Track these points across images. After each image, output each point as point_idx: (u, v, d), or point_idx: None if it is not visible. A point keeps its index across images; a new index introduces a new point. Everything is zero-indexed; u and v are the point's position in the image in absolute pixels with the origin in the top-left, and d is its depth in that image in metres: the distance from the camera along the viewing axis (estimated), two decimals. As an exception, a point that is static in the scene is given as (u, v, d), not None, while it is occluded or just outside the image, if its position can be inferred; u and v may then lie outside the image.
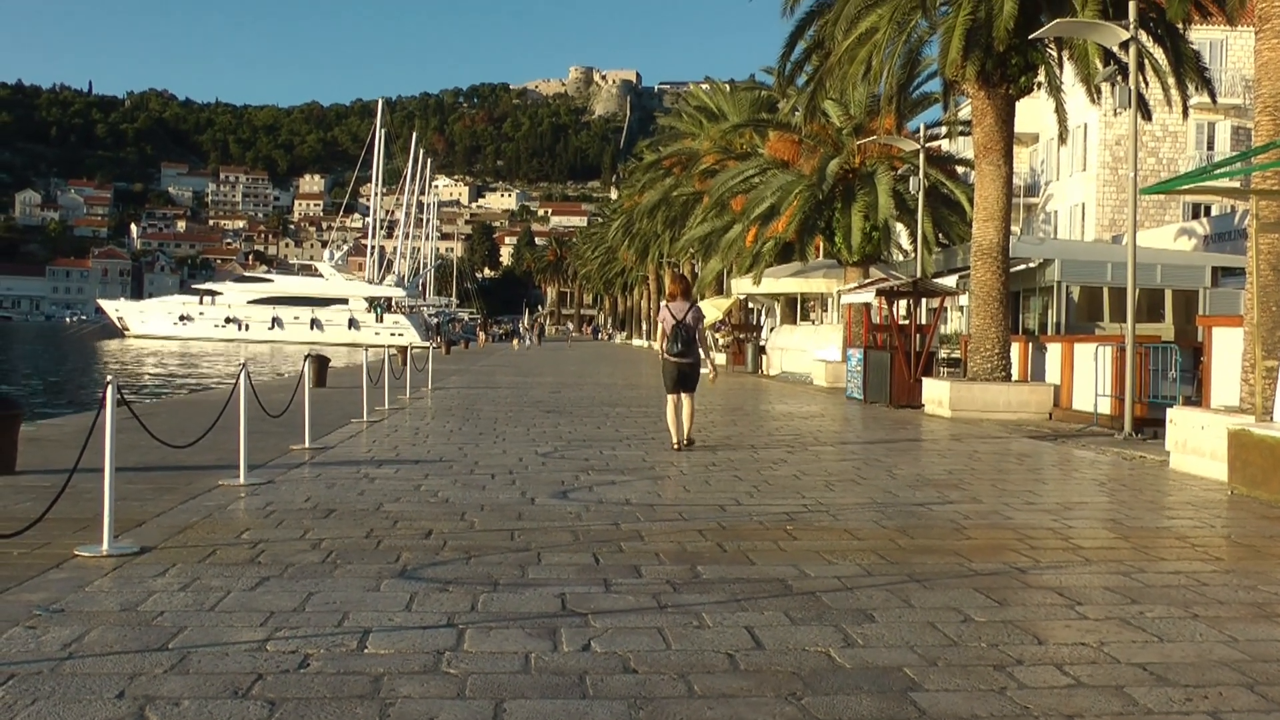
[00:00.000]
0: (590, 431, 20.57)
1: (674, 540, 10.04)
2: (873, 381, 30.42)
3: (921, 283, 30.94)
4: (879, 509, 11.95)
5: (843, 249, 40.94)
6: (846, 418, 25.56)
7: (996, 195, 26.57)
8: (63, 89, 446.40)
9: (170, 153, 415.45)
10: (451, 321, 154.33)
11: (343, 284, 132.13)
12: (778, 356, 48.55)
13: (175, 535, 9.96)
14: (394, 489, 12.86)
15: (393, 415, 23.69)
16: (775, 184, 42.26)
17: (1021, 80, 26.39)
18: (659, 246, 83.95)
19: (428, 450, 17.03)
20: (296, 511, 11.27)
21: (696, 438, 19.20)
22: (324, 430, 19.37)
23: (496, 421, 22.49)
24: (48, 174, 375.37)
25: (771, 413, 26.59)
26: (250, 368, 14.94)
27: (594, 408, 26.86)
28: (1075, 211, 58.24)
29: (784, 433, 21.07)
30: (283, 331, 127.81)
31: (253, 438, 14.29)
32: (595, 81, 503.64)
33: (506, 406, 26.85)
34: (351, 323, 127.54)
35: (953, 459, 17.09)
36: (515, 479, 13.91)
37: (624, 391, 34.15)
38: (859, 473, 15.08)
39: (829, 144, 41.83)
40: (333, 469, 14.61)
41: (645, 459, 16.32)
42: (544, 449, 17.42)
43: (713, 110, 65.96)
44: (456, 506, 11.71)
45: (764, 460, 16.36)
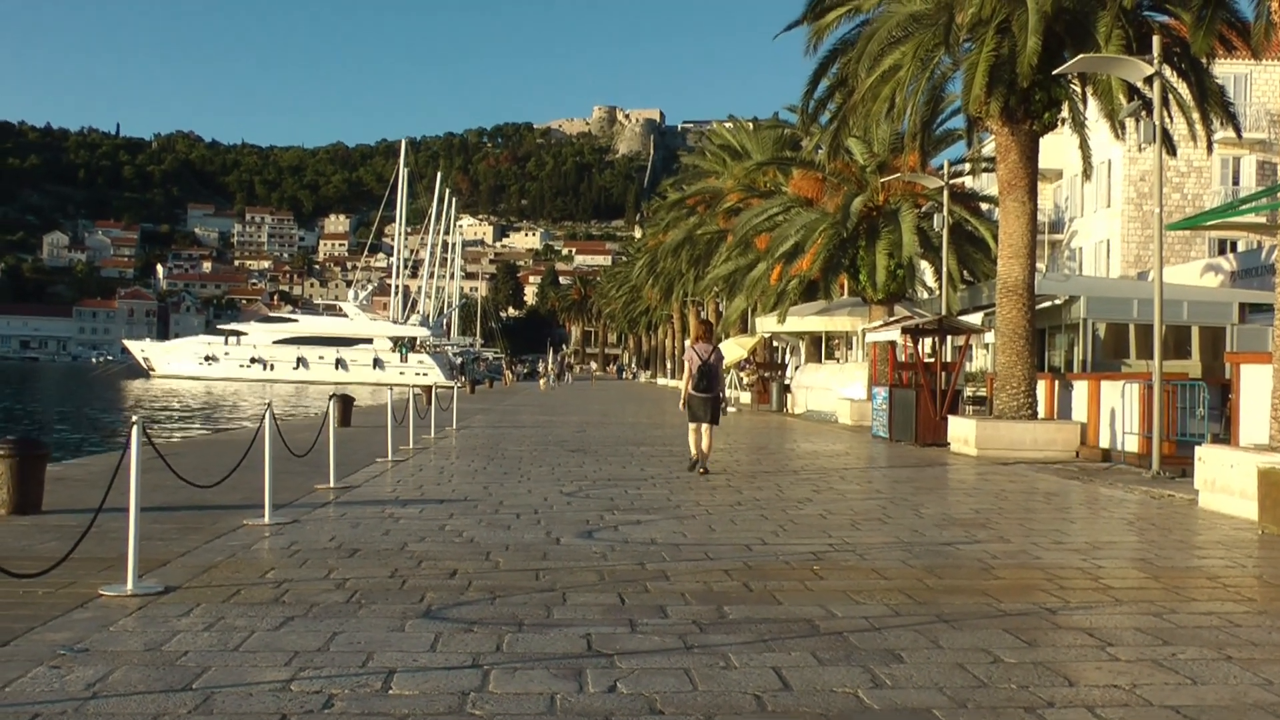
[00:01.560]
0: (615, 471, 20.53)
1: (700, 580, 10.00)
2: (898, 420, 30.33)
3: (946, 320, 30.86)
4: (906, 548, 11.88)
5: (867, 287, 40.89)
6: (872, 456, 25.47)
7: (1021, 232, 26.51)
8: (91, 131, 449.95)
9: (196, 194, 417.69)
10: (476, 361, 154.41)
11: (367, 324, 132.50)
12: (803, 395, 48.45)
13: (200, 575, 9.96)
14: (419, 529, 12.84)
15: (417, 455, 23.69)
16: (799, 222, 42.29)
17: (1045, 116, 26.36)
18: (683, 285, 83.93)
19: (452, 490, 17.01)
20: (321, 551, 11.26)
21: (714, 469, 19.59)
22: (349, 470, 19.38)
23: (521, 461, 22.46)
24: (75, 215, 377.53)
25: (797, 451, 26.51)
26: (275, 407, 14.96)
27: (618, 447, 26.82)
28: (1100, 248, 58.12)
29: (809, 471, 21.00)
30: (308, 371, 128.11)
31: (278, 477, 14.29)
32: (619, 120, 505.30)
33: (531, 445, 26.83)
34: (376, 362, 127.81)
35: (979, 498, 17.00)
36: (540, 518, 13.88)
37: (648, 431, 34.10)
38: (885, 512, 15.00)
39: (853, 181, 41.84)
40: (357, 508, 14.61)
41: (670, 498, 16.28)
42: (569, 488, 17.38)
43: (736, 148, 66.09)
44: (481, 546, 11.68)
45: (790, 499, 16.30)
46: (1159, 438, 20.76)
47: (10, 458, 13.45)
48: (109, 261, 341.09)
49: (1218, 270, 41.85)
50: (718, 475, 19.76)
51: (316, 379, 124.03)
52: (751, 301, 56.13)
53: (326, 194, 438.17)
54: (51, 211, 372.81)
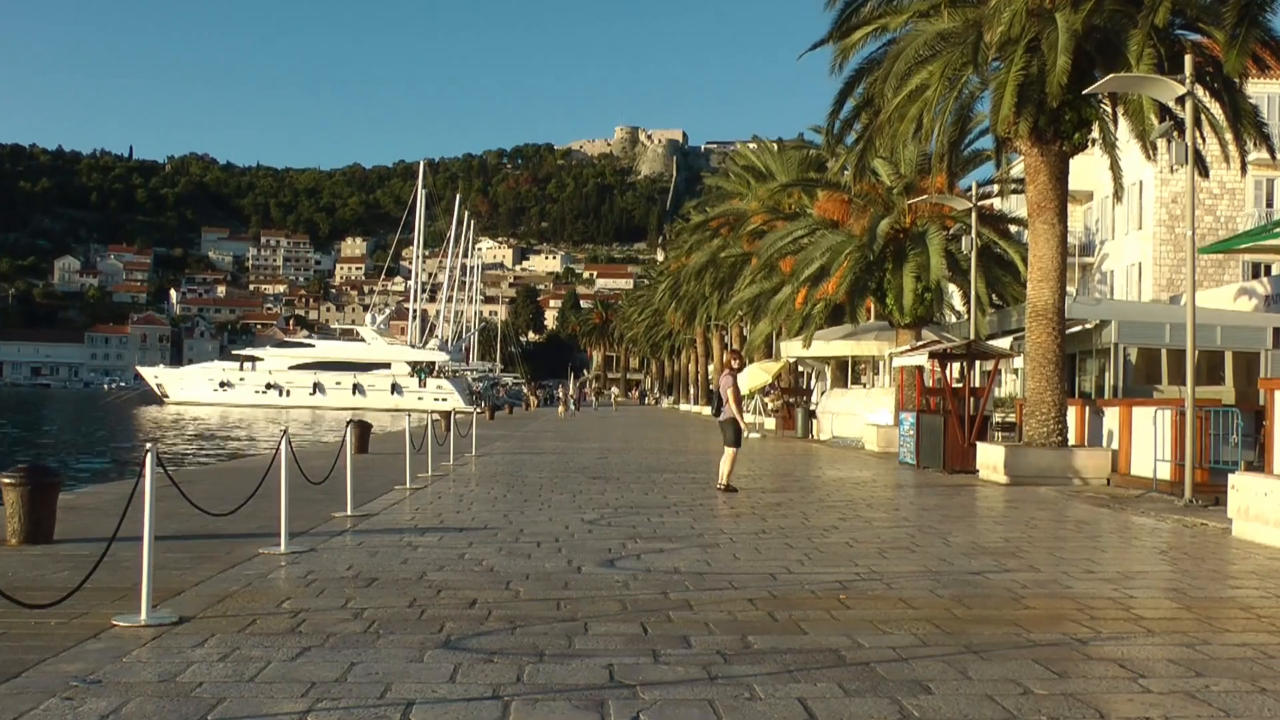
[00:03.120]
0: (637, 498, 20.54)
1: (724, 609, 10.00)
2: (926, 446, 30.28)
3: (975, 345, 30.82)
4: (934, 577, 11.87)
5: (894, 311, 40.86)
6: (899, 483, 25.43)
7: (1051, 255, 26.48)
8: (103, 154, 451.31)
9: (211, 217, 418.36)
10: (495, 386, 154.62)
11: (385, 348, 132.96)
12: (828, 421, 48.43)
13: (214, 605, 10.00)
14: (438, 557, 12.87)
15: (436, 482, 23.73)
16: (825, 244, 42.29)
17: (1075, 137, 26.35)
18: (707, 309, 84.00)
19: (472, 518, 17.04)
20: (338, 580, 11.30)
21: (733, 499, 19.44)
22: (366, 497, 19.42)
23: (542, 488, 22.49)
24: (87, 240, 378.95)
25: (822, 478, 26.49)
26: (291, 434, 15.02)
27: (641, 474, 26.82)
28: (1131, 271, 57.99)
29: (835, 499, 20.99)
30: (324, 397, 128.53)
31: (294, 505, 14.34)
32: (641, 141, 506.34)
33: (552, 472, 26.85)
34: (394, 388, 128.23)
35: (1009, 526, 16.97)
36: (561, 547, 13.90)
37: (671, 457, 34.10)
38: (913, 540, 14.99)
39: (879, 203, 41.85)
40: (375, 537, 14.64)
41: (694, 526, 16.28)
42: (590, 516, 17.40)
43: (760, 170, 66.16)
44: (501, 575, 11.70)
45: (815, 527, 16.29)
46: (1191, 465, 20.69)
47: (21, 486, 13.51)
48: (121, 286, 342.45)
49: (1252, 294, 41.73)
50: (741, 502, 19.76)
51: (333, 405, 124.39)
52: (776, 325, 56.13)
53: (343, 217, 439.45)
54: (63, 235, 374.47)
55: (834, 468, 30.41)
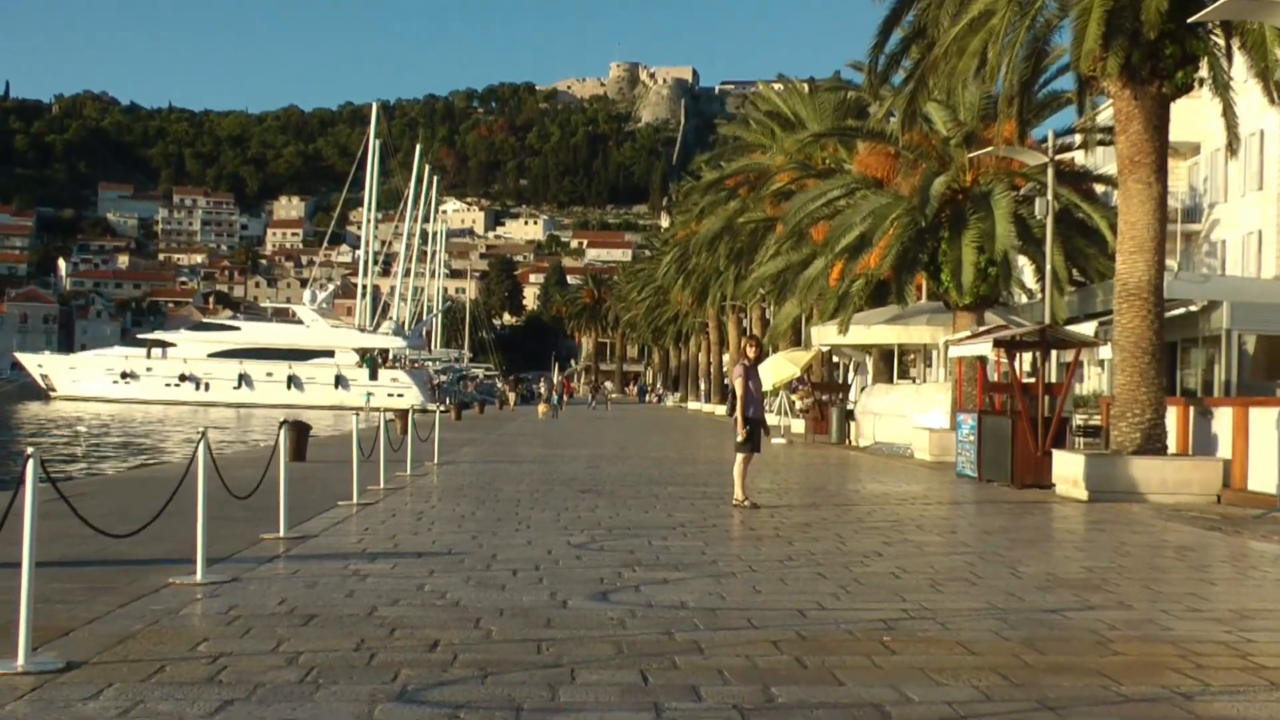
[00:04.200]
0: (636, 517, 20.52)
1: (742, 654, 9.96)
2: (989, 455, 30.23)
3: (1050, 331, 30.77)
4: (1000, 616, 11.83)
5: (951, 289, 40.80)
6: (956, 500, 25.39)
7: (1146, 221, 26.40)
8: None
9: (110, 171, 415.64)
10: (463, 379, 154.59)
11: (328, 332, 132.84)
12: (869, 423, 48.37)
13: (112, 647, 9.93)
14: (391, 589, 12.83)
15: (390, 496, 23.70)
16: (866, 208, 42.23)
17: (1178, 76, 26.20)
18: (721, 286, 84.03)
19: (434, 540, 17.01)
20: (268, 617, 11.24)
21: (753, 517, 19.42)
22: (304, 515, 19.37)
23: (519, 504, 22.46)
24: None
25: (862, 493, 26.45)
26: (211, 437, 14.97)
27: (641, 487, 26.80)
28: (1249, 241, 57.90)
29: (878, 519, 20.96)
30: (252, 392, 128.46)
31: (214, 525, 14.29)
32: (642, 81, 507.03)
33: (532, 485, 26.82)
34: (339, 381, 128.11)
35: (1093, 553, 16.94)
36: (543, 576, 13.86)
37: (677, 467, 34.09)
38: (973, 570, 14.95)
39: (933, 157, 41.78)
40: (314, 564, 14.60)
41: (705, 551, 16.25)
42: (578, 538, 17.36)
43: (787, 116, 66.09)
44: (470, 611, 11.66)
45: (853, 553, 16.26)
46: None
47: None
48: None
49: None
50: (763, 522, 19.73)
51: (263, 401, 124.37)
52: (806, 307, 56.10)
53: (276, 171, 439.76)
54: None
55: (876, 480, 30.39)
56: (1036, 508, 23.73)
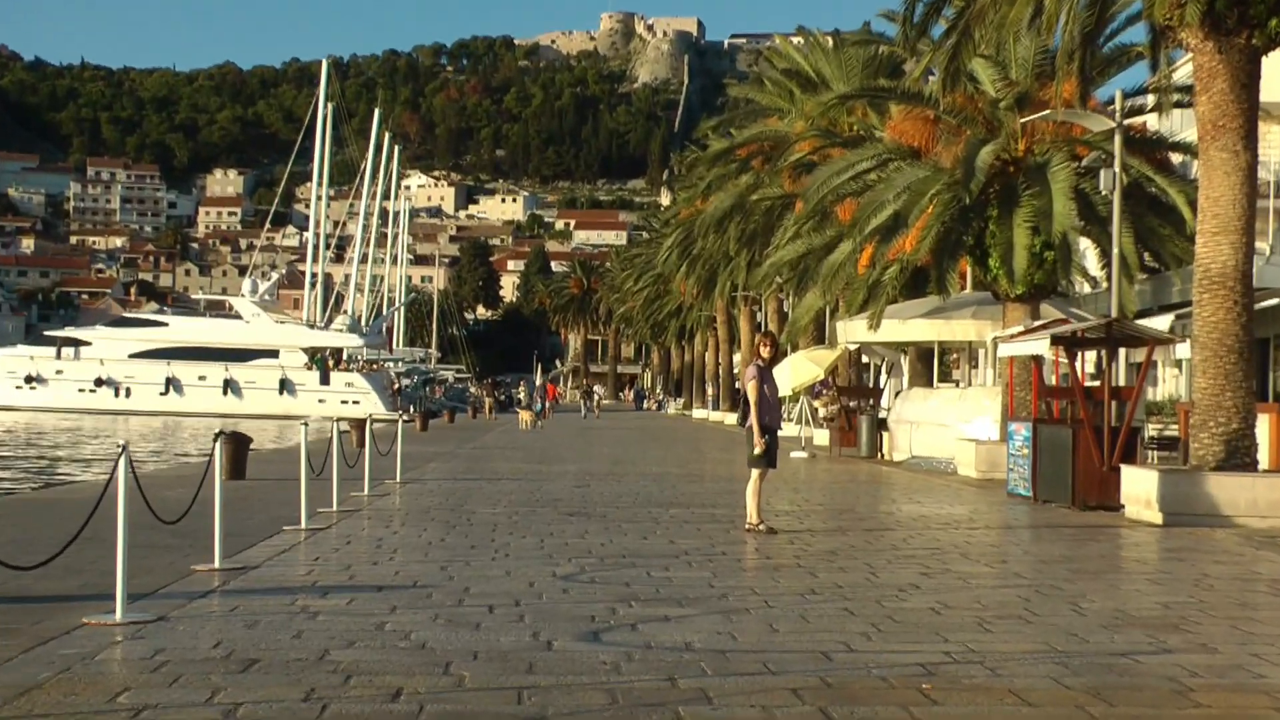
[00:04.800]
0: (633, 543, 20.55)
1: (756, 704, 9.98)
2: (1046, 471, 30.20)
3: (1118, 326, 30.78)
4: (1059, 660, 11.83)
5: (1000, 277, 40.76)
6: (1008, 523, 25.40)
7: (1232, 195, 26.35)
8: None
9: (11, 138, 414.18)
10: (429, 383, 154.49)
11: (271, 329, 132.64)
12: (905, 433, 48.36)
13: (16, 699, 9.93)
14: (346, 628, 12.83)
15: (345, 519, 23.72)
16: (901, 182, 42.20)
17: (1271, 25, 26.10)
18: (731, 274, 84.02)
19: (396, 571, 17.01)
20: (201, 663, 11.23)
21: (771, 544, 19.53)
22: (244, 543, 19.38)
23: (496, 529, 22.49)
24: None
25: (897, 516, 26.47)
26: (134, 451, 14.95)
27: (638, 509, 26.84)
28: (1350, 220, 57.90)
29: (915, 545, 20.99)
30: (182, 398, 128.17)
31: (136, 554, 14.27)
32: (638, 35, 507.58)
33: (511, 507, 26.87)
34: (284, 385, 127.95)
35: (1169, 586, 16.94)
36: (524, 613, 13.87)
37: (681, 485, 34.13)
38: (1028, 605, 14.95)
39: (979, 123, 41.79)
40: (256, 599, 14.59)
41: (714, 584, 16.26)
42: (565, 569, 17.38)
43: (809, 75, 66.03)
44: (438, 654, 11.66)
45: (886, 585, 16.27)
46: None
47: None
48: None
49: None
50: (781, 549, 19.74)
51: (195, 409, 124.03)
52: (830, 298, 56.07)
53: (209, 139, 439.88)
54: None
55: (913, 501, 30.42)
56: (1102, 533, 23.73)
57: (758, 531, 22.00)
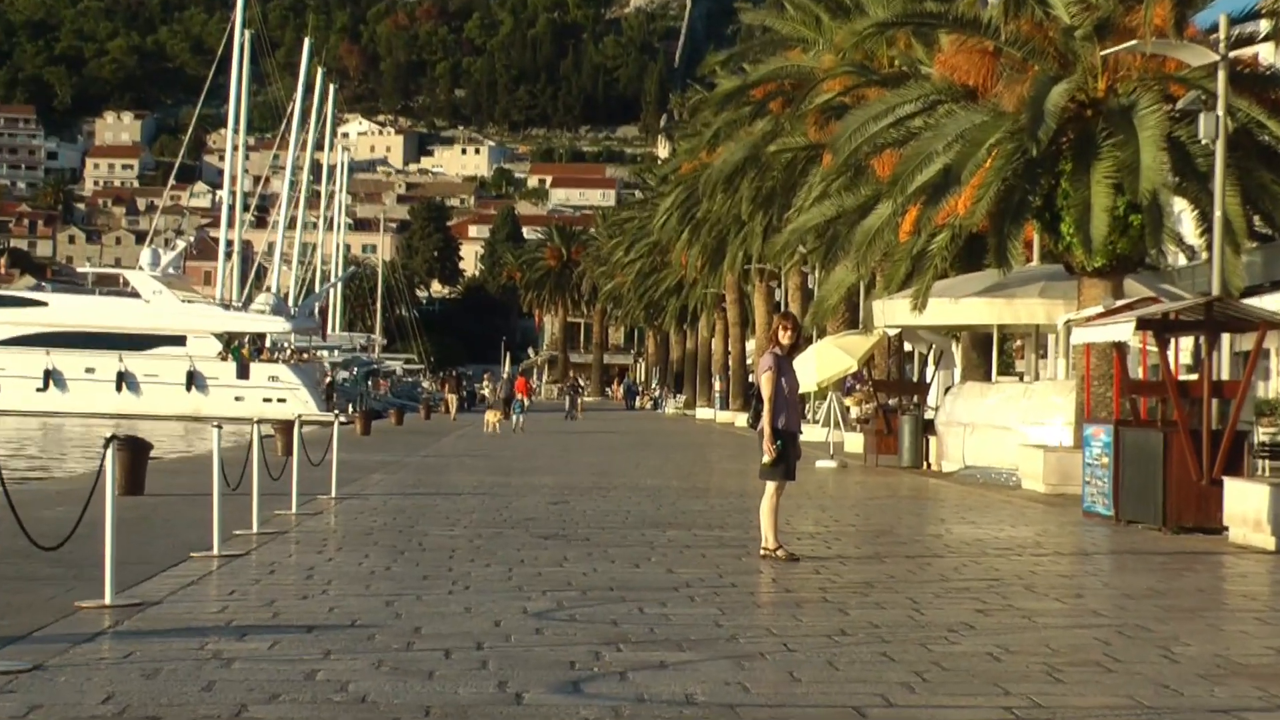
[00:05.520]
0: (622, 573, 20.61)
1: (775, 772, 9.98)
2: (1131, 484, 30.17)
3: (1221, 306, 30.79)
4: (1148, 717, 11.84)
5: (1075, 245, 40.76)
6: (1083, 549, 25.45)
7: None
8: None
9: None
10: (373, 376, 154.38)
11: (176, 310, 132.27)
12: (956, 438, 48.34)
13: None
14: (268, 678, 12.84)
15: (267, 544, 23.76)
16: (952, 129, 42.20)
17: None
18: (743, 243, 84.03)
19: (330, 608, 17.04)
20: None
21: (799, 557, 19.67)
22: (141, 573, 19.39)
23: (454, 555, 22.53)
24: None
25: (946, 540, 26.53)
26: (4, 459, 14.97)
27: (629, 530, 26.93)
28: None
29: (969, 576, 21.04)
30: (65, 395, 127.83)
31: (7, 588, 14.29)
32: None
33: (473, 528, 26.92)
34: (192, 379, 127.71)
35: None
36: (488, 659, 13.90)
37: (682, 502, 34.20)
38: (1108, 650, 14.98)
39: (1050, 56, 41.80)
40: (156, 642, 14.59)
41: (721, 622, 16.27)
42: (539, 604, 17.40)
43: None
44: (382, 710, 11.70)
45: (933, 625, 16.30)
46: None
47: None
48: None
49: None
50: (804, 580, 19.76)
51: (82, 408, 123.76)
52: (865, 273, 56.07)
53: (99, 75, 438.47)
54: None
55: (967, 521, 30.50)
56: (1200, 561, 23.78)
57: (775, 558, 22.01)
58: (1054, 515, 32.18)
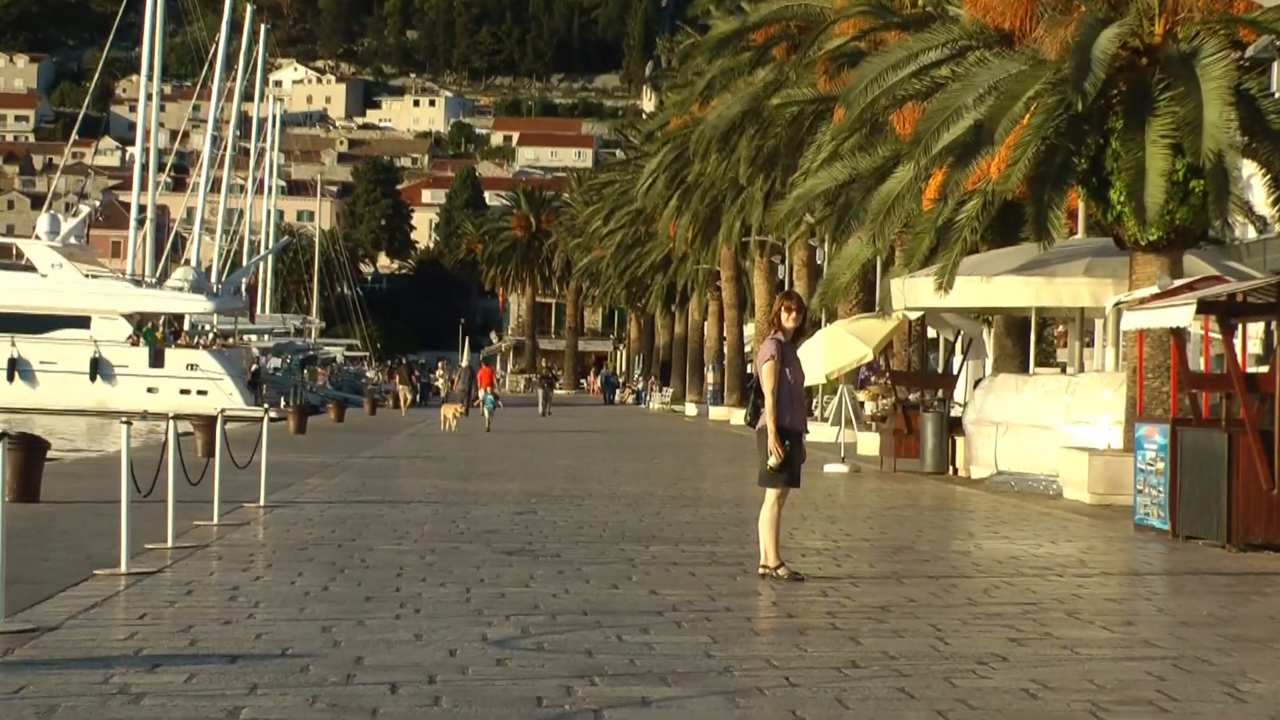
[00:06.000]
0: (598, 595, 20.62)
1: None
2: (1191, 494, 30.16)
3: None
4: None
5: (1126, 216, 40.78)
6: (1134, 569, 25.50)
7: None
8: None
9: None
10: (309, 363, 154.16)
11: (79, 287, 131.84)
12: (988, 439, 48.36)
13: None
14: (184, 717, 12.85)
15: (184, 560, 23.77)
16: (984, 80, 42.23)
17: None
18: (741, 212, 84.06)
19: (257, 634, 17.01)
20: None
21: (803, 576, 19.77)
22: (36, 593, 19.39)
23: (403, 574, 22.53)
24: None
25: (975, 557, 26.58)
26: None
27: (606, 545, 26.98)
28: None
29: (1002, 599, 21.08)
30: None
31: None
32: None
33: (425, 542, 26.97)
34: (97, 368, 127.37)
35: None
36: (441, 694, 13.91)
37: (668, 512, 34.26)
38: (1163, 687, 15.00)
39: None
40: (53, 675, 14.58)
41: (712, 651, 16.27)
42: (501, 630, 17.39)
43: (855, -74, 66.19)
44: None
45: (960, 657, 16.32)
46: None
47: None
48: None
49: None
50: (809, 603, 19.77)
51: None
52: (883, 246, 56.05)
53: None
54: None
55: (999, 535, 30.55)
56: (1270, 584, 23.81)
57: (776, 578, 22.04)
58: (1100, 529, 32.23)
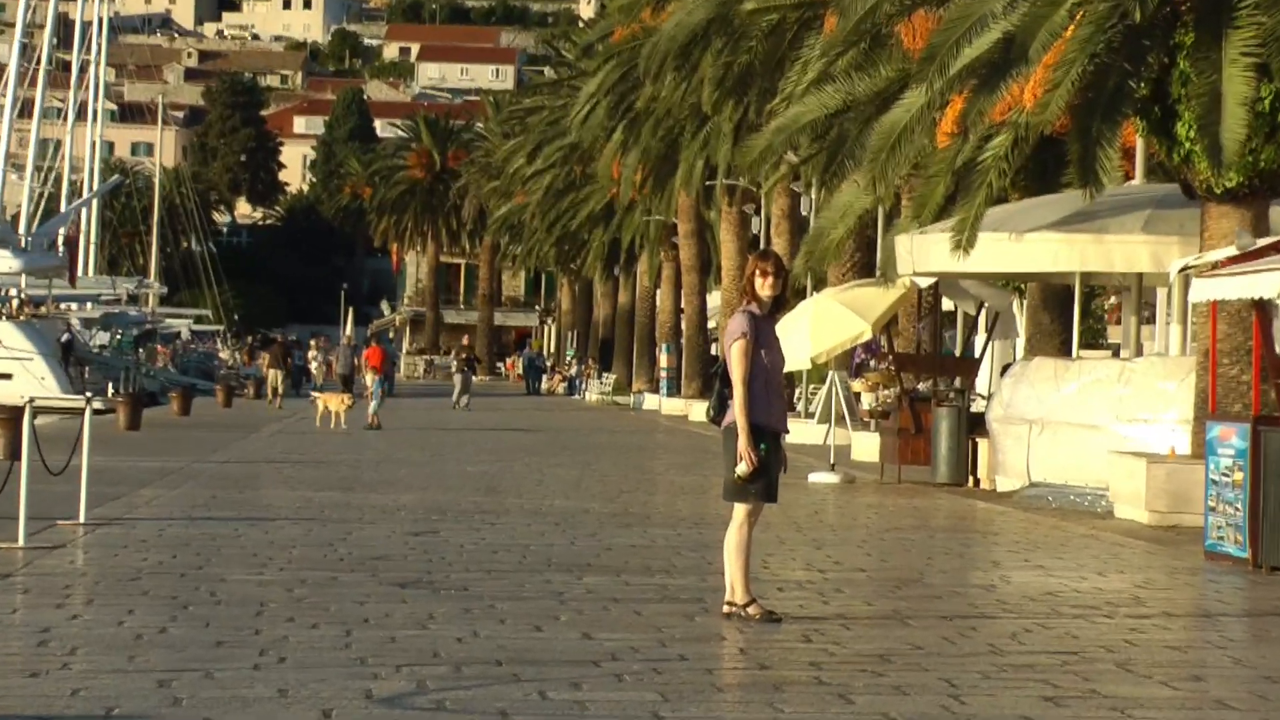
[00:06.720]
0: (517, 638, 20.61)
1: None
2: (1277, 512, 30.22)
3: None
4: None
5: (1197, 156, 40.82)
6: (1203, 609, 25.57)
7: None
8: None
9: None
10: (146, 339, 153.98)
11: None
12: (1018, 441, 48.36)
13: None
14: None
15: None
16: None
17: None
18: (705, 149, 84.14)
19: (75, 689, 16.96)
20: None
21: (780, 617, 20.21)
22: None
23: (264, 611, 22.51)
24: None
25: (1000, 593, 26.66)
26: None
27: (528, 575, 27.04)
28: None
29: (1034, 646, 21.13)
30: None
31: None
32: None
33: (293, 570, 26.99)
34: None
35: None
36: (310, 770, 13.87)
37: (608, 532, 34.35)
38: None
39: (1160, -123, 41.96)
40: None
41: (662, 712, 16.22)
42: (390, 685, 17.35)
43: None
44: None
45: (980, 719, 16.29)
46: None
47: None
48: None
49: None
50: (788, 652, 19.77)
51: None
52: (886, 193, 56.07)
53: None
54: None
55: (1031, 564, 30.66)
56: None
57: (745, 618, 22.01)
58: (1161, 557, 32.32)
